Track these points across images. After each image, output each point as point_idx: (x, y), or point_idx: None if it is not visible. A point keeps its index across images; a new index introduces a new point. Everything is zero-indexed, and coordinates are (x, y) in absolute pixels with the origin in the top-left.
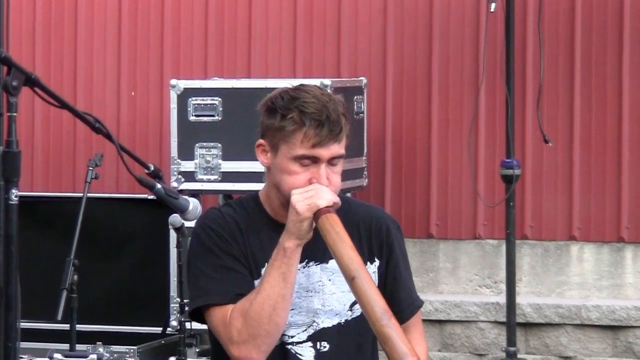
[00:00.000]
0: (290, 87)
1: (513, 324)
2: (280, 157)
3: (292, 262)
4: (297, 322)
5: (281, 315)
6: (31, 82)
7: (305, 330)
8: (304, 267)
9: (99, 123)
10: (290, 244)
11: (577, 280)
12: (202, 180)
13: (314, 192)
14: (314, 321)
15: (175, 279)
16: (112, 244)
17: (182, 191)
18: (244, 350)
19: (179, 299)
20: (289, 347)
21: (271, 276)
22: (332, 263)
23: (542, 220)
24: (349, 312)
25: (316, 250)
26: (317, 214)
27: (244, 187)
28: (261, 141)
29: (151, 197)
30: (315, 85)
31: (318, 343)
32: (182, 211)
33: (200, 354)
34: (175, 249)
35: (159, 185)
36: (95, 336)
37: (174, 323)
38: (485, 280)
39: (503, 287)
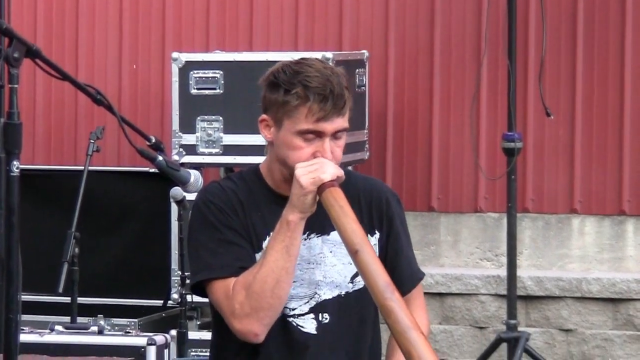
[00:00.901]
0: (292, 60)
1: (514, 296)
2: (284, 131)
3: (296, 236)
4: (299, 295)
5: (284, 289)
6: (32, 53)
7: (307, 302)
8: (305, 239)
9: (100, 95)
10: (293, 218)
11: (578, 253)
12: (203, 154)
13: (318, 166)
14: (316, 293)
15: (177, 252)
16: (114, 217)
17: (183, 164)
18: (247, 324)
19: (179, 272)
20: (291, 319)
21: (274, 249)
22: (334, 235)
23: (544, 193)
24: (350, 285)
25: (317, 222)
26: (321, 188)
27: (245, 160)
28: (264, 116)
29: (152, 170)
30: (317, 59)
31: (320, 315)
32: (184, 183)
33: (201, 327)
34: (177, 222)
35: (160, 157)
36: (96, 309)
37: (175, 296)
38: (486, 253)
39: (504, 260)
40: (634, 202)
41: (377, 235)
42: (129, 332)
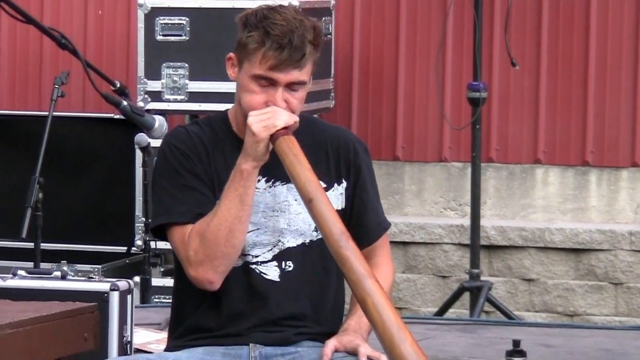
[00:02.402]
0: (271, 5)
1: (477, 246)
2: (242, 73)
3: (249, 184)
4: (263, 242)
5: (238, 237)
6: None
7: (271, 249)
8: (270, 187)
9: (65, 39)
10: (247, 166)
11: (542, 203)
12: (168, 100)
13: (271, 114)
14: (280, 241)
15: (141, 199)
16: (78, 163)
17: (148, 111)
18: (201, 271)
19: (143, 219)
20: (254, 266)
21: (228, 198)
22: None
23: (508, 143)
24: (314, 233)
25: (282, 170)
26: (275, 136)
27: (211, 108)
28: (231, 54)
29: (118, 116)
30: (294, 8)
31: (283, 262)
32: (148, 129)
33: (164, 274)
34: (141, 169)
35: (124, 103)
36: (60, 254)
37: (138, 242)
38: (450, 202)
39: (468, 209)
40: (598, 153)
41: (344, 184)
42: (92, 278)
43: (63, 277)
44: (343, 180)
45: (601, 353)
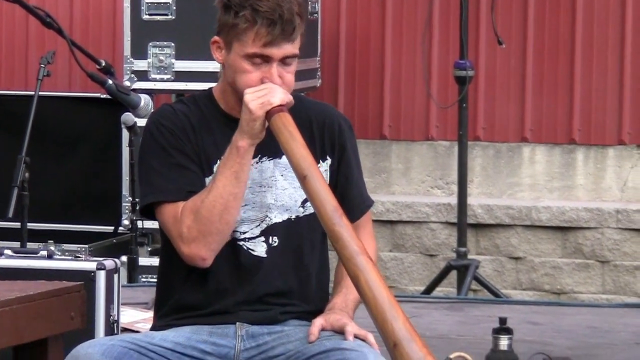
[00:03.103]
0: None
1: (464, 224)
2: (233, 55)
3: (245, 162)
4: (250, 218)
5: (232, 214)
6: None
7: (258, 225)
8: (257, 162)
9: (50, 18)
10: (243, 143)
11: (528, 181)
12: (155, 80)
13: (267, 91)
14: (267, 216)
15: (128, 178)
16: (65, 143)
17: (135, 90)
18: (194, 248)
19: (130, 198)
20: (241, 243)
21: (223, 175)
22: (285, 158)
23: (495, 121)
24: (301, 209)
25: (269, 146)
26: (270, 113)
27: (197, 87)
28: (216, 38)
29: (104, 96)
30: None
31: (270, 238)
32: (134, 107)
33: (151, 253)
34: (128, 148)
35: (110, 81)
36: (47, 234)
37: (125, 222)
38: (437, 181)
39: (455, 188)
40: (584, 131)
41: (329, 161)
42: (79, 257)
43: (49, 257)
44: (328, 157)
45: (588, 330)
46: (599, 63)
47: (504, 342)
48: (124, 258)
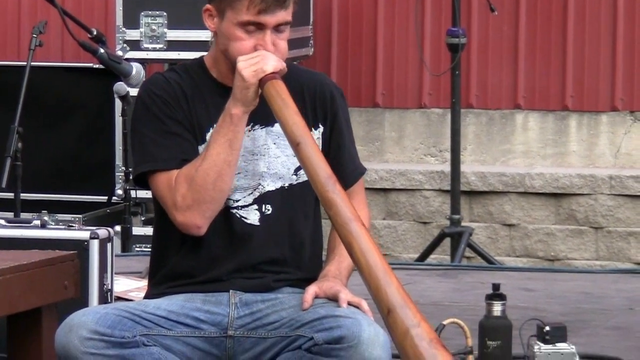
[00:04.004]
0: None
1: (457, 192)
2: (226, 22)
3: (239, 129)
4: (243, 186)
5: (226, 182)
6: None
7: (251, 193)
8: (249, 131)
9: None
10: (236, 111)
11: (522, 148)
12: (147, 49)
13: (260, 58)
14: (260, 184)
15: (121, 148)
16: (58, 113)
17: (127, 60)
18: (189, 216)
19: (124, 168)
20: (234, 211)
21: (217, 143)
22: (278, 127)
23: (488, 89)
24: (294, 177)
25: (262, 114)
26: (263, 80)
27: (189, 56)
28: (208, 6)
29: (96, 65)
30: None
31: (263, 206)
32: (126, 76)
33: (145, 222)
34: (120, 118)
35: (101, 50)
36: (40, 204)
37: (119, 192)
38: (430, 149)
39: (448, 155)
40: (577, 97)
41: (321, 129)
42: (72, 227)
43: (43, 226)
44: (320, 125)
45: (581, 296)
46: (591, 29)
47: (497, 309)
48: (118, 227)
